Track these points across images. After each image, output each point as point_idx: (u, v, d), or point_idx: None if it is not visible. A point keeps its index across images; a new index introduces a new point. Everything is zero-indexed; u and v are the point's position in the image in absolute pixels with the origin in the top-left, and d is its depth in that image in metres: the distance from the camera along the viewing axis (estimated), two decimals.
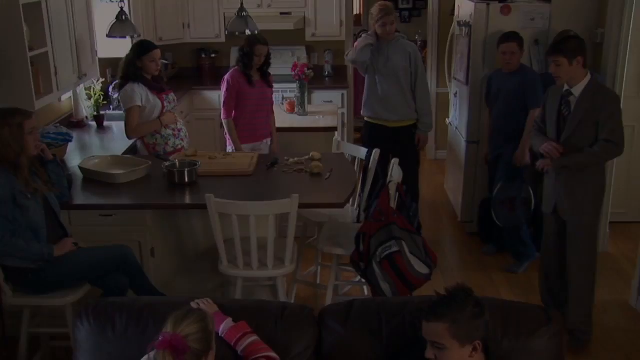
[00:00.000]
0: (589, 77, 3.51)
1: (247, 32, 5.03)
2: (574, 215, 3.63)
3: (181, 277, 3.75)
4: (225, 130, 4.66)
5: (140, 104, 4.20)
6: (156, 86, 4.30)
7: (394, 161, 3.80)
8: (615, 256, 4.84)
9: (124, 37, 4.75)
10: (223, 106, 4.62)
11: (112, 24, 4.60)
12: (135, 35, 4.79)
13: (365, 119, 5.01)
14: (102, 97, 5.10)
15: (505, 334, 2.22)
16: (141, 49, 4.24)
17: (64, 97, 4.96)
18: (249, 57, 4.55)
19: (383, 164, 4.64)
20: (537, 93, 4.43)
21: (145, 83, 4.23)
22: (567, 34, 4.20)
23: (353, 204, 4.16)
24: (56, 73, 4.10)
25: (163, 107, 4.29)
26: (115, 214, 3.55)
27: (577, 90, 3.49)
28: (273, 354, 2.19)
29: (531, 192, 4.53)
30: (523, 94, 4.48)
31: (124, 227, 3.57)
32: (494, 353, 2.12)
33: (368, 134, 4.98)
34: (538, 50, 4.78)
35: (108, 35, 4.65)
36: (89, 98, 5.09)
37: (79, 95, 5.02)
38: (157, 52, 4.27)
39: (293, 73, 5.26)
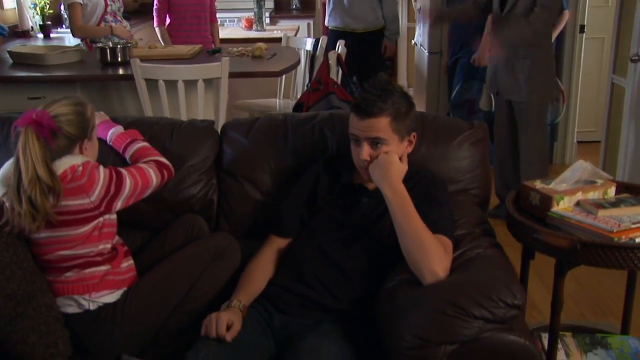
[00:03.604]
0: None
1: None
2: (516, 94, 3.37)
3: None
4: (159, 38, 4.47)
5: (81, 2, 4.01)
6: None
7: (340, 42, 3.61)
8: None
9: None
10: (154, 13, 4.44)
11: None
12: None
13: (330, 28, 4.84)
14: (48, 6, 4.88)
15: (424, 140, 2.01)
16: None
17: (7, 6, 4.75)
18: None
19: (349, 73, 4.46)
20: None
21: None
22: None
23: None
24: None
25: (106, 5, 4.12)
26: (44, 96, 3.34)
27: None
28: (163, 159, 1.97)
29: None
30: None
31: None
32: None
33: (332, 42, 4.77)
34: None
35: None
36: (35, 7, 4.87)
37: (23, 4, 4.81)
38: None
39: None
